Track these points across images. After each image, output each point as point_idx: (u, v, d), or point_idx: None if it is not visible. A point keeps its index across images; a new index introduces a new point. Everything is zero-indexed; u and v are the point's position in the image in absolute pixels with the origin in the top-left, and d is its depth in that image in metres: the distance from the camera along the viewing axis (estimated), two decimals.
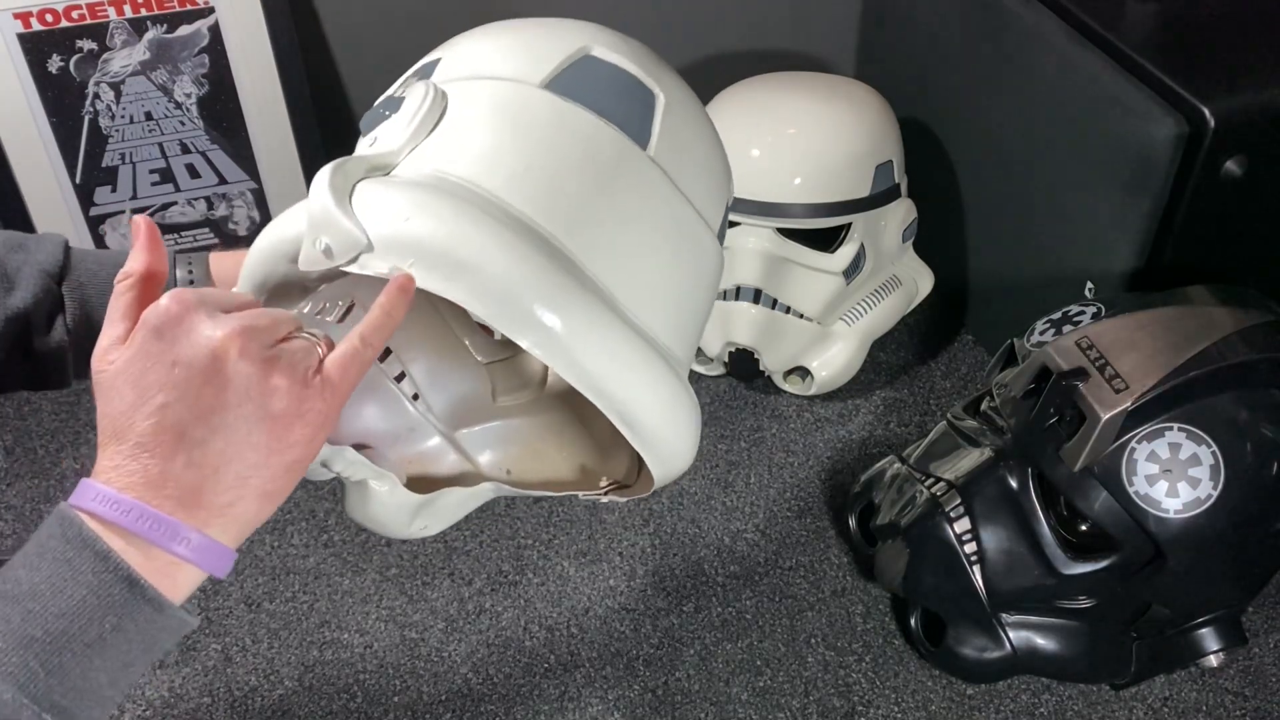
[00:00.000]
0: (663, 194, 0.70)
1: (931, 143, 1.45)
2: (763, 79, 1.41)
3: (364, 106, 1.60)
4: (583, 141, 0.69)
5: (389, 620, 1.19)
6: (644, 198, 0.70)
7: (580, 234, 0.65)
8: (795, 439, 1.38)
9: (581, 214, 0.66)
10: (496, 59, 0.72)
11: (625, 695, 1.13)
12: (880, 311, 1.40)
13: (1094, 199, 1.20)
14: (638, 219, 0.69)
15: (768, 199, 1.30)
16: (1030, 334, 1.06)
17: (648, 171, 0.70)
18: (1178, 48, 1.18)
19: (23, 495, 1.32)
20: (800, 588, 1.22)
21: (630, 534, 1.27)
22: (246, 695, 1.14)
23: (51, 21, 1.36)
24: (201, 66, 1.42)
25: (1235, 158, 1.10)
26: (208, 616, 1.20)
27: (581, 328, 0.62)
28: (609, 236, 0.67)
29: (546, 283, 0.61)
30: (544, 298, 0.61)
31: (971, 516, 1.07)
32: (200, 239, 1.52)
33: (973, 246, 1.45)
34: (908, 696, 1.12)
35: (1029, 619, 1.09)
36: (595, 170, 0.68)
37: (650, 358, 0.66)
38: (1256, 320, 1.03)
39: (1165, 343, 0.99)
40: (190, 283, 0.70)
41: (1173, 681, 1.13)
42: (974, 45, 1.35)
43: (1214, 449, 0.97)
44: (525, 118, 0.69)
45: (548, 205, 0.65)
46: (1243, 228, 1.18)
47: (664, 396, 0.67)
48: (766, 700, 1.12)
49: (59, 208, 1.45)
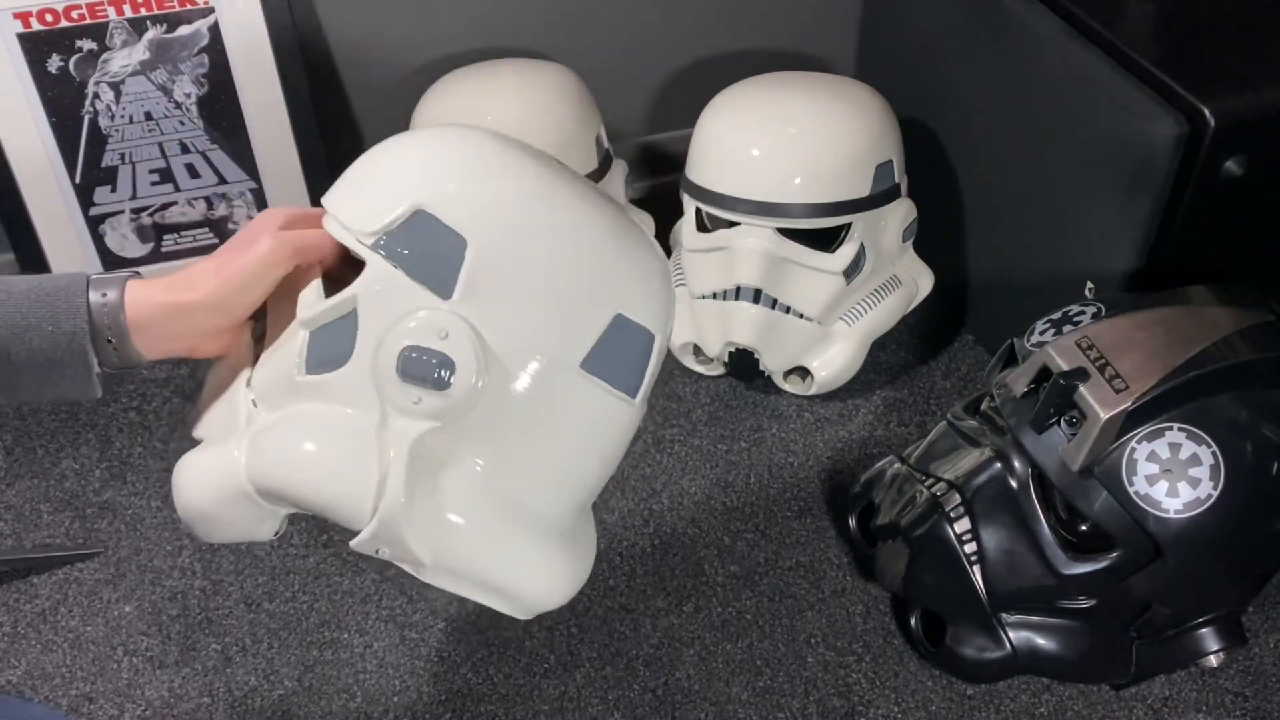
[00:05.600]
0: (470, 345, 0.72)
1: (931, 143, 1.45)
2: (763, 79, 1.41)
3: (364, 106, 1.61)
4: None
5: (389, 620, 1.19)
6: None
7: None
8: (795, 439, 1.38)
9: None
10: (349, 207, 0.76)
11: (625, 695, 1.13)
12: (880, 311, 1.40)
13: (1094, 199, 1.20)
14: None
15: (768, 199, 1.30)
16: (1030, 334, 1.06)
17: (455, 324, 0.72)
18: (1178, 47, 1.18)
19: (23, 495, 1.32)
20: (800, 588, 1.22)
21: (630, 534, 1.27)
22: (246, 695, 1.14)
23: (51, 21, 1.36)
24: (201, 66, 1.42)
25: (1235, 158, 1.10)
26: (208, 616, 1.20)
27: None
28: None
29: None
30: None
31: (971, 516, 1.07)
32: (200, 239, 1.52)
33: (973, 246, 1.45)
34: (908, 696, 1.12)
35: (1029, 619, 1.09)
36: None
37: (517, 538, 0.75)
38: (1256, 320, 1.03)
39: (1165, 343, 0.99)
40: (104, 307, 0.74)
41: (1173, 681, 1.13)
42: (974, 45, 1.35)
43: (1214, 449, 0.97)
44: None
45: None
46: (1243, 228, 1.18)
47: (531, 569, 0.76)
48: (766, 700, 1.12)
49: (59, 207, 1.45)
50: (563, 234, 0.75)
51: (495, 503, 0.74)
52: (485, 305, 0.71)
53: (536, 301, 0.73)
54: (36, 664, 1.17)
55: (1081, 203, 1.22)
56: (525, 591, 0.76)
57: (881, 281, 1.41)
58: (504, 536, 0.74)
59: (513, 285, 0.72)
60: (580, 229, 0.75)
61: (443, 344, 0.71)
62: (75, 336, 0.73)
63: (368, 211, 0.73)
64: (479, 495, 0.74)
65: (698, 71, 1.65)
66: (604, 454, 0.78)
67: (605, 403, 0.75)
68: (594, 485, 0.80)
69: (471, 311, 0.71)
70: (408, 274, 0.71)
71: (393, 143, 0.79)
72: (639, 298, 0.76)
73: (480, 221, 0.72)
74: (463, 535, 0.73)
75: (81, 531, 1.29)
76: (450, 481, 0.73)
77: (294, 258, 0.75)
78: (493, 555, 0.75)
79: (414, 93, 1.43)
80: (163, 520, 1.30)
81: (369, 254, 0.72)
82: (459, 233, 0.72)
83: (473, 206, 0.73)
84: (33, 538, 1.29)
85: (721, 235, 1.35)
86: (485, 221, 0.73)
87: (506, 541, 0.75)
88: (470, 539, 0.74)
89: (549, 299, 0.73)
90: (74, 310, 0.73)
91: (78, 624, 1.20)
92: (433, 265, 0.72)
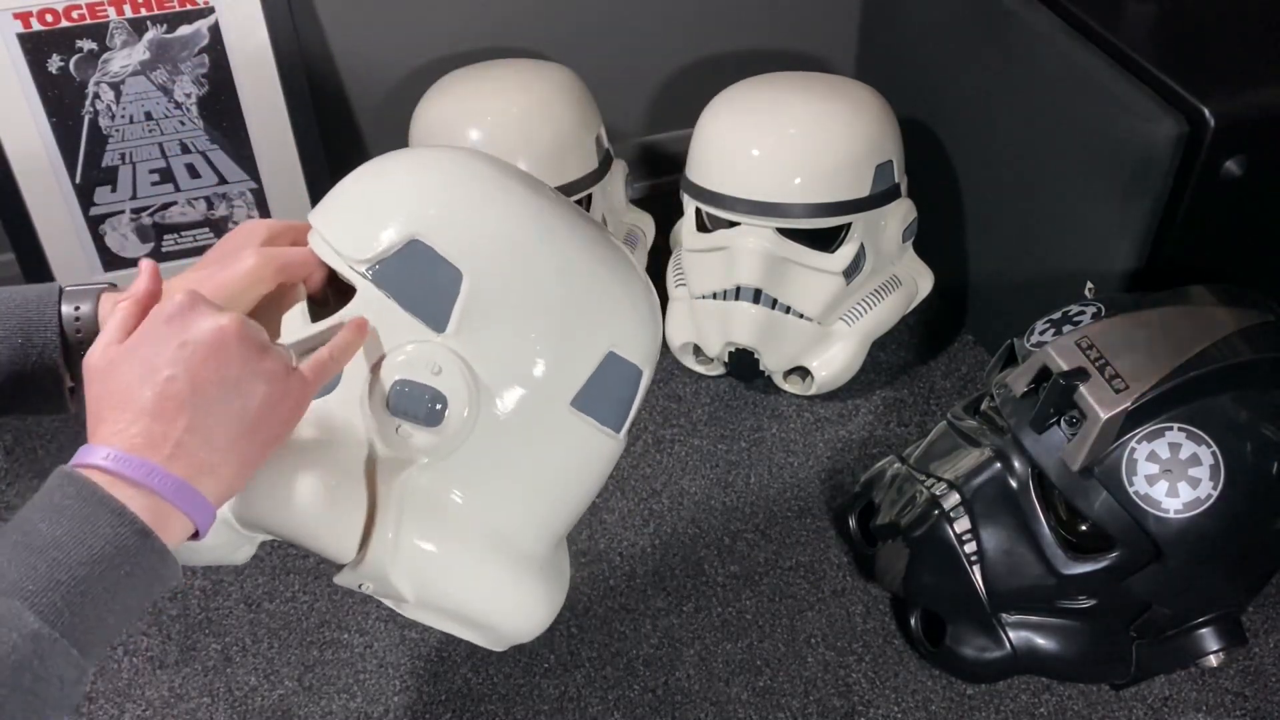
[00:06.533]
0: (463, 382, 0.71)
1: (931, 143, 1.45)
2: (763, 79, 1.41)
3: (364, 106, 1.61)
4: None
5: (389, 620, 1.19)
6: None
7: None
8: (795, 439, 1.38)
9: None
10: (342, 230, 0.73)
11: (625, 695, 1.13)
12: (880, 311, 1.40)
13: (1094, 199, 1.20)
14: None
15: (768, 199, 1.30)
16: (1030, 334, 1.06)
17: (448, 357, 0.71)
18: (1178, 48, 1.18)
19: (23, 495, 1.32)
20: (800, 588, 1.22)
21: (630, 534, 1.27)
22: (246, 695, 1.14)
23: (51, 21, 1.36)
24: (201, 66, 1.42)
25: (1235, 158, 1.10)
26: (208, 616, 1.20)
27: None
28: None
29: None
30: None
31: (971, 516, 1.07)
32: (200, 239, 1.52)
33: (973, 246, 1.45)
34: (908, 696, 1.12)
35: (1029, 619, 1.09)
36: None
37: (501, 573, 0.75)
38: (1256, 320, 1.03)
39: (1165, 343, 0.99)
40: (76, 319, 0.72)
41: (1173, 681, 1.13)
42: (974, 45, 1.35)
43: (1214, 449, 0.97)
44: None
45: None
46: (1243, 228, 1.18)
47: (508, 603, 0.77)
48: (766, 700, 1.12)
49: (59, 208, 1.45)
50: (558, 268, 0.73)
51: (479, 538, 0.73)
52: (478, 340, 0.70)
53: (531, 338, 0.72)
54: None
55: (1081, 203, 1.22)
56: (505, 625, 0.76)
57: (881, 281, 1.41)
58: (486, 573, 0.74)
59: (507, 321, 0.71)
60: (575, 262, 0.74)
61: (435, 379, 0.69)
62: (45, 349, 0.71)
63: (360, 237, 0.71)
64: (464, 531, 0.73)
65: (698, 71, 1.65)
66: (586, 488, 0.78)
67: (592, 439, 0.75)
68: (573, 518, 0.79)
69: (464, 346, 0.70)
70: (401, 305, 0.70)
71: (387, 163, 0.77)
72: (630, 333, 0.75)
73: (476, 253, 0.71)
74: (447, 572, 0.73)
75: None
76: (435, 518, 0.72)
77: (277, 276, 0.73)
78: (475, 591, 0.74)
79: (414, 93, 1.43)
80: None
81: (360, 281, 0.70)
82: (454, 264, 0.70)
83: (469, 237, 0.71)
84: None
85: (721, 235, 1.35)
86: (481, 253, 0.71)
87: (489, 578, 0.74)
88: (454, 576, 0.73)
89: (543, 336, 0.72)
90: (45, 323, 0.71)
91: None
92: (427, 297, 0.70)
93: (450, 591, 0.74)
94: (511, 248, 0.72)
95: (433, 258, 0.70)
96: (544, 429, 0.73)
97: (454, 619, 0.76)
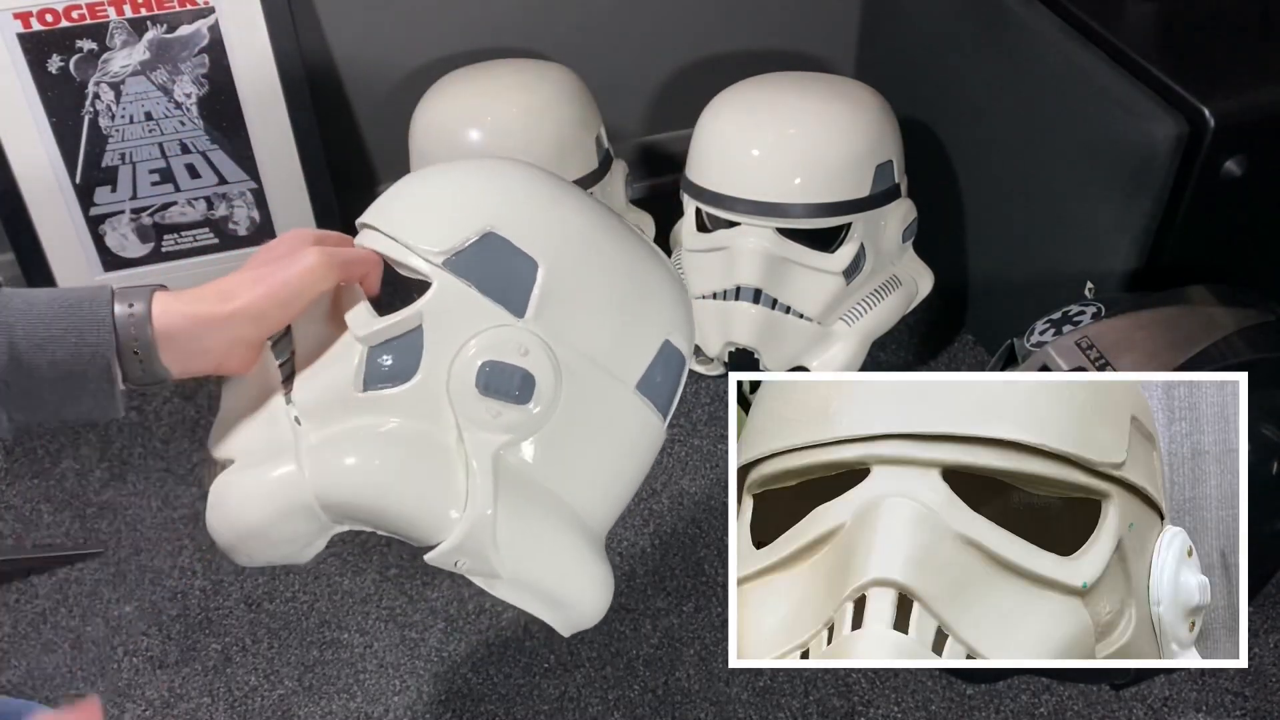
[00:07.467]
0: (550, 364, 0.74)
1: (931, 143, 1.45)
2: (763, 79, 1.41)
3: (364, 105, 1.61)
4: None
5: (389, 620, 1.19)
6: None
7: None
8: None
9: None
10: (412, 227, 0.76)
11: (625, 695, 1.13)
12: (880, 311, 1.40)
13: (1094, 199, 1.20)
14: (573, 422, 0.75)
15: (768, 199, 1.30)
16: (1030, 334, 1.06)
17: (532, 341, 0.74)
18: (1178, 48, 1.18)
19: (23, 495, 1.33)
20: None
21: (630, 534, 1.27)
22: (246, 695, 1.14)
23: (51, 21, 1.36)
24: (201, 66, 1.42)
25: (1235, 158, 1.10)
26: (208, 616, 1.20)
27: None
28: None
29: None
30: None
31: None
32: (200, 239, 1.52)
33: (973, 246, 1.45)
34: (908, 696, 1.12)
35: None
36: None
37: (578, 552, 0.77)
38: (1256, 320, 1.03)
39: (1165, 343, 0.99)
40: (130, 317, 0.73)
41: (1173, 681, 1.13)
42: (974, 45, 1.35)
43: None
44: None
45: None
46: (1243, 228, 1.18)
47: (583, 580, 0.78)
48: (766, 700, 1.12)
49: (59, 208, 1.45)
50: (620, 260, 0.78)
51: (563, 517, 0.76)
52: (556, 325, 0.74)
53: (601, 325, 0.76)
54: (37, 664, 1.17)
55: (1081, 203, 1.22)
56: (585, 603, 0.78)
57: (881, 281, 1.41)
58: (572, 550, 0.76)
59: (580, 308, 0.75)
60: (631, 255, 0.79)
61: (523, 359, 0.73)
62: (100, 349, 0.71)
63: (435, 232, 0.74)
64: (551, 510, 0.75)
65: (698, 71, 1.65)
66: (641, 472, 0.81)
67: (650, 423, 0.78)
68: (627, 501, 0.82)
69: (544, 330, 0.73)
70: (481, 292, 0.73)
71: (448, 168, 0.82)
72: (681, 323, 0.80)
73: (548, 246, 0.75)
74: (539, 548, 0.75)
75: (81, 531, 1.29)
76: (525, 495, 0.74)
77: (338, 274, 0.75)
78: (564, 568, 0.76)
79: (414, 92, 1.43)
80: (163, 520, 1.30)
81: (438, 272, 0.73)
82: (530, 255, 0.74)
83: (541, 231, 0.75)
84: (33, 538, 1.29)
85: (721, 235, 1.35)
86: (552, 246, 0.75)
87: (573, 555, 0.77)
88: (545, 552, 0.75)
89: (612, 323, 0.77)
90: (98, 321, 0.71)
91: (78, 624, 1.20)
92: (506, 285, 0.73)
93: (542, 568, 0.76)
94: (579, 239, 0.77)
95: (509, 248, 0.74)
96: (614, 410, 0.77)
97: (541, 597, 0.77)
